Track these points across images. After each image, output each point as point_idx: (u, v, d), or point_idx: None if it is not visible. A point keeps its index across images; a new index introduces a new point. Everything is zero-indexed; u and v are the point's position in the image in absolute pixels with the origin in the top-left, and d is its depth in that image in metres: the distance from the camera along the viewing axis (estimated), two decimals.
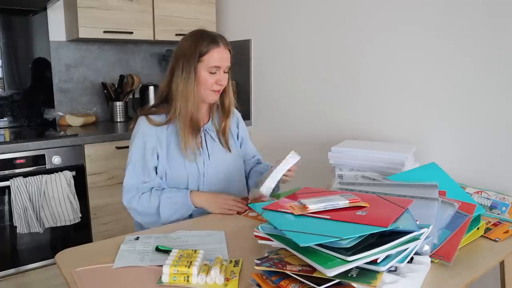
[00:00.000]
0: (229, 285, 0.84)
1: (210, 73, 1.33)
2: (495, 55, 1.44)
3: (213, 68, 1.32)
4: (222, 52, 1.33)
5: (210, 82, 1.33)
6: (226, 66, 1.36)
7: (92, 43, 2.60)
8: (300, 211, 0.91)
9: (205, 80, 1.33)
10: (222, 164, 1.45)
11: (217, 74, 1.34)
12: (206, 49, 1.31)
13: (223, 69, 1.35)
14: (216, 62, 1.32)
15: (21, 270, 2.00)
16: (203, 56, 1.31)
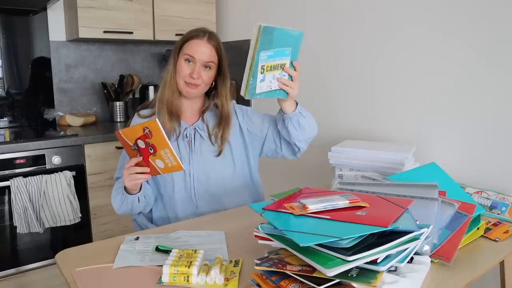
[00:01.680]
0: (229, 285, 0.84)
1: (185, 61, 1.33)
2: (495, 55, 1.44)
3: (188, 56, 1.32)
4: (201, 44, 1.33)
5: (184, 73, 1.33)
6: (204, 60, 1.33)
7: (92, 43, 2.60)
8: (300, 211, 0.91)
9: (180, 68, 1.34)
10: (210, 164, 1.40)
11: (192, 65, 1.33)
12: (187, 38, 1.34)
13: (200, 62, 1.33)
14: (191, 51, 1.32)
15: (21, 270, 2.00)
16: (183, 44, 1.34)
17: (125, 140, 1.16)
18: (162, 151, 1.10)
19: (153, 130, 1.08)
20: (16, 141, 1.93)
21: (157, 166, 1.16)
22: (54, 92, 2.51)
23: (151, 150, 1.12)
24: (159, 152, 1.11)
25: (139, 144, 1.13)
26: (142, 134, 1.10)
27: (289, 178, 2.26)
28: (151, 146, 1.11)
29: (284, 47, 1.18)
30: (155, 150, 1.12)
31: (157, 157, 1.13)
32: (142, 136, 1.11)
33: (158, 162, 1.14)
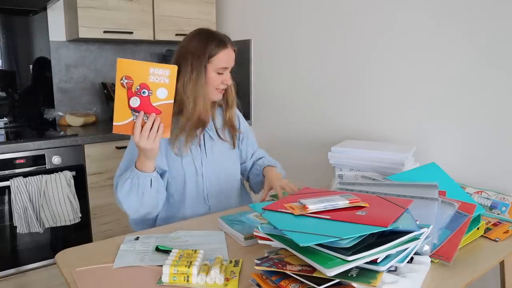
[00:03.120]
0: (229, 285, 0.84)
1: (218, 73, 1.34)
2: (495, 55, 1.44)
3: (222, 69, 1.34)
4: (229, 53, 1.36)
5: (217, 82, 1.35)
6: (231, 66, 1.38)
7: (92, 43, 2.60)
8: (300, 211, 0.91)
9: (213, 81, 1.34)
10: (220, 163, 1.44)
11: (224, 74, 1.36)
12: (216, 51, 1.33)
13: (229, 69, 1.37)
14: (224, 63, 1.34)
15: (21, 270, 2.00)
16: (213, 57, 1.33)
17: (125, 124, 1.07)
18: (151, 77, 1.04)
19: (126, 67, 1.02)
20: (16, 141, 1.93)
21: (162, 100, 1.07)
22: (54, 92, 2.51)
23: (145, 93, 1.05)
24: (150, 81, 1.04)
25: (134, 106, 1.06)
26: (127, 89, 1.03)
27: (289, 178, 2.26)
28: (142, 88, 1.05)
29: None
30: (147, 86, 1.05)
31: (154, 90, 1.06)
32: (128, 93, 1.04)
33: (160, 93, 1.06)
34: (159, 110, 1.07)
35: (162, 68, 1.04)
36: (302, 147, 2.22)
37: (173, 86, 1.06)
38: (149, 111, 1.07)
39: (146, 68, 1.03)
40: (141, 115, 1.07)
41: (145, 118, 1.07)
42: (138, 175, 1.18)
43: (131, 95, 1.04)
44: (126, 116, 1.06)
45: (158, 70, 1.04)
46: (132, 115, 1.06)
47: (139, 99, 1.05)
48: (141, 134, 1.08)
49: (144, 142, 1.09)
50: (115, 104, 1.05)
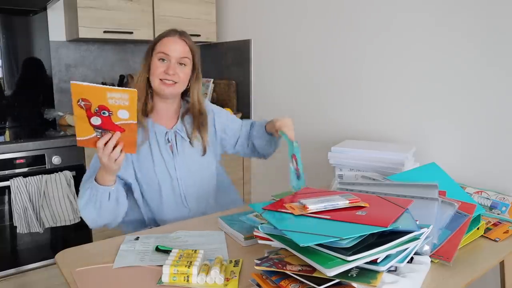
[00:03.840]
0: (229, 285, 0.84)
1: (159, 60, 1.31)
2: (495, 55, 1.44)
3: (161, 54, 1.30)
4: (173, 41, 1.32)
5: (159, 71, 1.30)
6: (178, 56, 1.31)
7: (92, 43, 2.60)
8: (300, 211, 0.91)
9: (154, 67, 1.31)
10: (193, 164, 1.40)
11: (166, 63, 1.31)
12: (159, 38, 1.34)
13: (174, 59, 1.31)
14: (163, 48, 1.31)
15: (21, 270, 2.00)
16: (156, 45, 1.33)
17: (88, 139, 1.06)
18: (110, 100, 1.00)
19: (82, 91, 0.99)
20: (16, 141, 1.93)
21: (124, 120, 1.04)
22: (54, 92, 2.51)
23: (105, 114, 1.02)
24: (109, 103, 1.01)
25: (95, 123, 1.03)
26: (85, 110, 1.00)
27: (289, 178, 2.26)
28: (101, 109, 1.01)
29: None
30: (106, 107, 1.01)
31: (115, 112, 1.02)
32: (87, 113, 1.01)
33: (121, 113, 1.03)
34: (122, 128, 1.06)
35: (120, 92, 1.00)
36: (302, 147, 2.22)
37: (134, 108, 1.02)
38: (112, 129, 1.06)
39: (103, 93, 1.00)
40: (107, 135, 1.06)
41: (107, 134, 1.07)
42: (97, 188, 1.17)
43: (91, 115, 1.02)
44: (88, 132, 1.05)
45: (116, 94, 1.00)
46: (94, 131, 1.05)
47: (100, 118, 1.03)
48: (103, 151, 1.07)
49: (106, 159, 1.09)
50: (75, 121, 1.03)
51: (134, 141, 1.09)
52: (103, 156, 1.08)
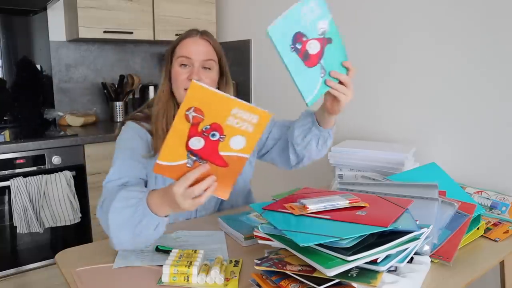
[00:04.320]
0: (229, 285, 0.84)
1: (180, 66, 1.15)
2: (495, 55, 1.44)
3: (183, 59, 1.15)
4: (194, 42, 1.16)
5: (182, 78, 1.15)
6: (202, 59, 1.16)
7: (92, 43, 2.60)
8: (300, 211, 0.91)
9: (176, 75, 1.16)
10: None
11: (189, 68, 1.15)
12: (178, 41, 1.19)
13: (197, 62, 1.15)
14: (184, 51, 1.15)
15: (21, 270, 2.01)
16: (175, 48, 1.18)
17: (172, 166, 0.79)
18: (231, 118, 0.75)
19: (201, 97, 0.73)
20: (16, 141, 1.93)
21: (235, 151, 0.78)
22: (54, 92, 2.51)
23: (215, 136, 0.77)
24: (227, 124, 0.75)
25: (194, 147, 0.77)
26: (189, 125, 0.75)
27: (289, 178, 2.26)
28: (212, 129, 0.76)
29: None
30: (220, 129, 0.76)
31: (229, 137, 0.77)
32: (191, 129, 0.75)
33: (234, 141, 0.78)
34: (225, 162, 0.79)
35: (250, 112, 0.75)
36: None
37: (256, 138, 0.77)
38: (213, 160, 0.79)
39: (228, 105, 0.74)
40: (201, 169, 0.80)
41: (203, 165, 0.80)
42: (146, 214, 0.91)
43: (194, 134, 0.76)
44: (178, 156, 0.79)
45: (243, 113, 0.75)
46: (186, 157, 0.79)
47: (204, 141, 0.77)
48: (187, 190, 0.82)
49: (186, 204, 0.83)
50: (167, 137, 0.77)
51: (233, 182, 0.82)
52: (184, 199, 0.82)
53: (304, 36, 0.95)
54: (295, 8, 0.94)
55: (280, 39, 0.92)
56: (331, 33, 0.98)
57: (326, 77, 1.00)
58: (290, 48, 0.94)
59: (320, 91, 1.00)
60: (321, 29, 0.97)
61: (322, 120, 1.15)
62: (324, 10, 0.95)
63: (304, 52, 0.96)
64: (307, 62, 0.96)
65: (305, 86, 0.97)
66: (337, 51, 1.02)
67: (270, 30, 0.89)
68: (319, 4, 0.95)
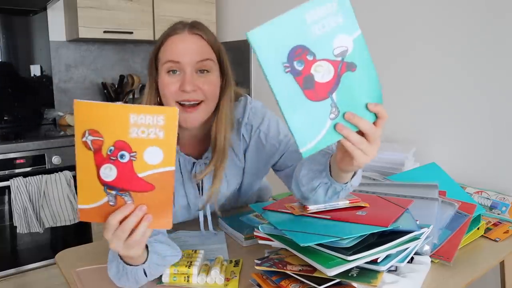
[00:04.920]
0: (229, 285, 0.84)
1: (167, 72, 0.90)
2: (495, 55, 1.44)
3: (169, 65, 0.89)
4: (181, 39, 0.90)
5: (171, 89, 0.89)
6: (193, 61, 0.89)
7: (92, 43, 2.60)
8: (300, 211, 0.91)
9: (163, 87, 0.90)
10: (224, 198, 1.12)
11: (179, 74, 0.90)
12: (161, 41, 0.92)
13: (189, 66, 0.89)
14: (170, 54, 0.89)
15: (21, 270, 2.00)
16: (159, 50, 0.92)
17: (96, 208, 0.66)
18: (134, 129, 0.62)
19: (90, 115, 0.61)
20: (16, 141, 1.92)
21: (155, 167, 0.64)
22: (54, 92, 2.51)
23: (124, 158, 0.63)
24: (131, 137, 0.62)
25: (107, 180, 0.64)
26: (92, 153, 0.63)
27: None
28: (118, 149, 0.63)
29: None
30: (127, 146, 0.63)
31: (140, 153, 0.63)
32: (96, 157, 0.63)
33: (149, 156, 0.63)
34: (149, 185, 0.65)
35: (151, 113, 0.62)
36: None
37: (172, 141, 0.63)
38: (134, 188, 0.65)
39: (123, 114, 0.61)
40: (126, 207, 0.65)
41: (126, 198, 0.65)
42: (124, 268, 0.78)
43: (101, 162, 0.63)
44: (96, 196, 0.65)
45: (144, 118, 0.62)
46: (106, 195, 0.65)
47: (115, 167, 0.63)
48: (115, 234, 0.66)
49: (119, 246, 0.68)
50: (77, 177, 0.64)
51: (170, 204, 0.67)
52: (115, 241, 0.67)
53: (310, 53, 0.63)
54: (297, 11, 0.64)
55: (265, 51, 0.63)
56: (356, 56, 0.67)
57: (338, 119, 0.65)
58: (283, 67, 0.63)
59: (325, 140, 0.66)
60: (339, 48, 0.64)
61: (333, 170, 0.80)
62: (349, 20, 0.64)
63: (306, 77, 0.63)
64: (309, 92, 0.63)
65: (302, 128, 0.64)
66: (362, 85, 0.68)
67: (250, 36, 0.62)
68: (342, 10, 0.64)
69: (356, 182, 0.82)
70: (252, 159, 1.07)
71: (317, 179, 0.83)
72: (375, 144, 0.69)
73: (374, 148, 0.69)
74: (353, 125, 0.66)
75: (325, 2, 0.62)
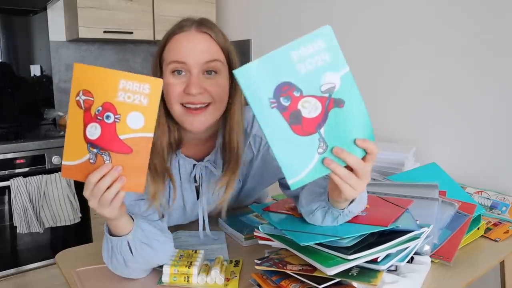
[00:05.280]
0: (230, 285, 0.84)
1: (172, 73, 0.86)
2: (496, 55, 1.44)
3: (175, 65, 0.85)
4: (188, 38, 0.85)
5: (176, 91, 0.85)
6: (201, 60, 0.85)
7: (92, 43, 2.60)
8: (300, 214, 0.91)
9: (168, 88, 0.85)
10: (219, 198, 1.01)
11: (185, 75, 0.85)
12: (166, 39, 0.87)
13: (195, 67, 0.84)
14: (176, 54, 0.85)
15: (21, 270, 2.00)
16: (163, 51, 0.88)
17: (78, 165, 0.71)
18: (121, 93, 0.68)
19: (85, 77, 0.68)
20: (16, 141, 1.93)
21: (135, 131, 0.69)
22: (54, 92, 2.51)
23: (109, 119, 0.69)
24: (118, 101, 0.68)
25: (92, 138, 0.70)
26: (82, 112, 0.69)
27: None
28: (104, 110, 0.68)
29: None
30: (113, 108, 0.69)
31: (124, 116, 0.69)
32: (85, 116, 0.69)
33: (132, 120, 0.69)
34: (128, 147, 0.70)
35: (138, 81, 0.67)
36: None
37: (154, 110, 0.68)
38: (114, 148, 0.69)
39: (114, 78, 0.67)
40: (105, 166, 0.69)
41: (105, 158, 0.70)
42: (110, 239, 0.80)
43: (88, 120, 0.69)
44: (80, 152, 0.70)
45: (132, 84, 0.67)
46: (88, 152, 0.70)
47: (100, 126, 0.69)
48: (92, 192, 0.70)
49: (95, 204, 0.72)
50: (66, 132, 0.70)
51: (144, 170, 0.71)
52: (91, 199, 0.71)
53: (297, 89, 0.64)
54: (284, 49, 0.64)
55: (252, 88, 0.63)
56: (344, 93, 0.67)
57: (326, 154, 0.67)
58: (269, 102, 0.64)
59: (313, 174, 0.67)
60: (326, 85, 0.65)
61: (330, 197, 0.79)
62: (336, 57, 0.65)
63: (293, 113, 0.65)
64: (296, 127, 0.65)
65: (289, 161, 0.66)
66: (352, 121, 0.69)
67: (237, 73, 0.62)
68: (329, 49, 0.65)
69: (355, 208, 0.80)
70: (258, 170, 1.05)
71: (316, 202, 0.83)
72: (364, 178, 0.71)
73: (363, 182, 0.71)
74: (340, 160, 0.68)
75: (311, 40, 0.65)
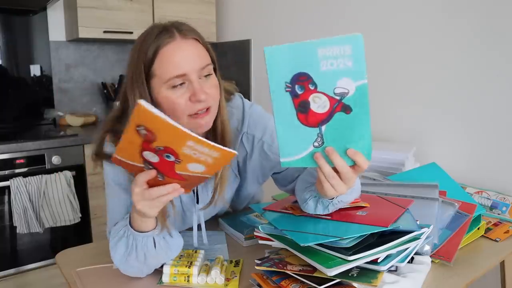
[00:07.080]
0: (230, 285, 0.84)
1: (172, 88, 0.84)
2: (496, 55, 1.44)
3: (175, 80, 0.83)
4: (179, 47, 0.84)
5: (182, 103, 0.84)
6: (198, 67, 0.84)
7: (92, 43, 2.60)
8: (300, 211, 0.91)
9: (172, 102, 0.84)
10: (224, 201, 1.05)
11: (185, 86, 0.84)
12: (153, 53, 0.83)
13: (194, 74, 0.84)
14: (174, 69, 0.83)
15: (21, 270, 2.00)
16: (152, 65, 0.84)
17: (130, 164, 0.72)
18: (186, 149, 0.65)
19: (151, 123, 0.62)
20: (16, 141, 1.92)
21: (194, 173, 0.71)
22: (54, 92, 2.51)
23: (170, 158, 0.67)
24: (183, 152, 0.66)
25: (149, 159, 0.69)
26: (142, 140, 0.65)
27: None
28: (166, 151, 0.66)
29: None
30: (175, 153, 0.66)
31: (185, 162, 0.68)
32: (144, 144, 0.66)
33: (193, 167, 0.70)
34: (183, 178, 0.72)
35: (209, 148, 0.65)
36: None
37: (217, 168, 0.72)
38: (168, 175, 0.72)
39: (182, 138, 0.64)
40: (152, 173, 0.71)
41: (159, 176, 0.72)
42: (135, 236, 0.83)
43: (147, 149, 0.67)
44: (134, 158, 0.70)
45: (201, 148, 0.65)
46: (143, 163, 0.71)
47: (158, 158, 0.68)
48: (143, 192, 0.74)
49: (142, 205, 0.75)
50: (122, 139, 0.67)
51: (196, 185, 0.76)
52: (140, 201, 0.75)
53: (312, 83, 0.68)
54: (312, 43, 0.68)
55: (274, 67, 0.68)
56: (354, 102, 0.68)
57: (319, 149, 0.72)
58: (285, 86, 0.68)
59: (303, 161, 0.73)
60: (340, 89, 0.67)
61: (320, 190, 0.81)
62: (359, 67, 0.66)
63: (302, 102, 0.69)
64: (302, 115, 0.70)
65: (287, 142, 0.72)
66: (353, 129, 0.70)
67: (267, 51, 0.67)
68: (355, 56, 0.66)
69: (346, 198, 0.83)
70: (254, 167, 1.06)
71: (308, 192, 0.86)
72: (347, 182, 0.74)
73: (345, 186, 0.74)
74: (329, 159, 0.72)
75: (340, 43, 0.68)
